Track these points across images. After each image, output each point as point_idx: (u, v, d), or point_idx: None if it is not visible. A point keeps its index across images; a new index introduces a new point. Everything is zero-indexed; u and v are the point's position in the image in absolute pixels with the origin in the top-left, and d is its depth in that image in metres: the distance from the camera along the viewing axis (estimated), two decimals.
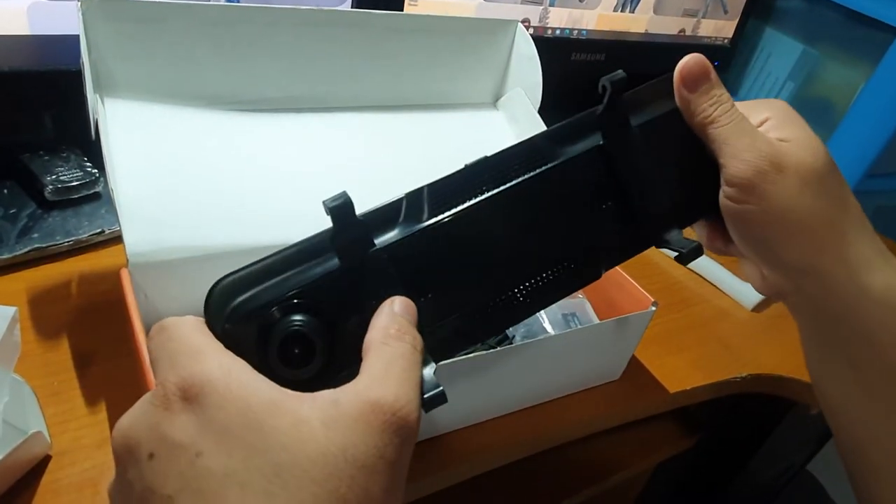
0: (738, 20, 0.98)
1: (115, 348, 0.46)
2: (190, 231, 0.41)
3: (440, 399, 0.25)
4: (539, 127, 0.55)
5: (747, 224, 0.34)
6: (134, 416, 0.23)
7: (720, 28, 0.98)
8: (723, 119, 0.33)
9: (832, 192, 0.33)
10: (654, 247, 0.34)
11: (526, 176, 0.30)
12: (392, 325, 0.25)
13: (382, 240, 0.28)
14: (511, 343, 0.48)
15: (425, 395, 0.25)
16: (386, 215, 0.28)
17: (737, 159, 0.32)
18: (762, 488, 0.84)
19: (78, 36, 0.40)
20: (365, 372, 0.24)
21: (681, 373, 0.56)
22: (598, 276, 0.32)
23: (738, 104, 0.34)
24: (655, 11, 0.89)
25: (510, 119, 0.59)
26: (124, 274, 0.39)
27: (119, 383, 0.44)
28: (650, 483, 0.72)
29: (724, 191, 0.33)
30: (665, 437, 0.65)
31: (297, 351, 0.25)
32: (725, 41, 1.00)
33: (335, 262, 0.26)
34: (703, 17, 0.95)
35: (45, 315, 0.48)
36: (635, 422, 0.54)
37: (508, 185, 0.30)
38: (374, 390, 0.23)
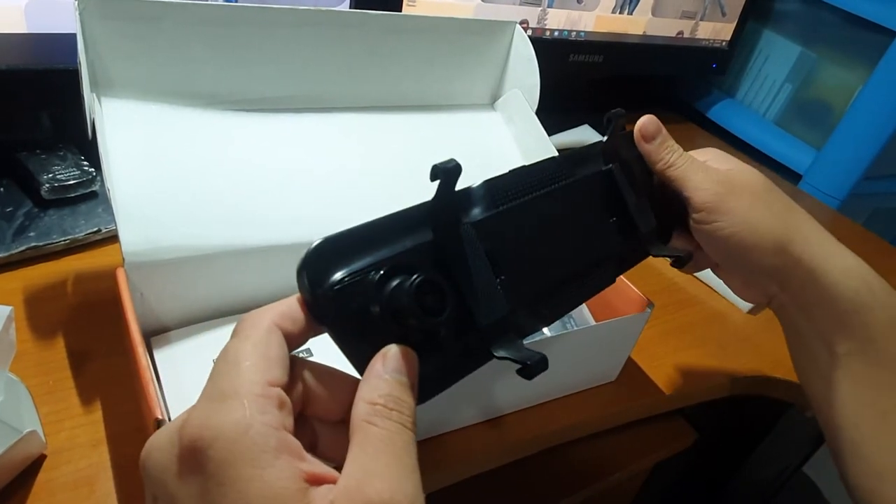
0: (736, 22, 0.98)
1: (110, 347, 0.46)
2: (186, 231, 0.41)
3: (543, 365, 0.27)
4: (536, 128, 0.55)
5: (718, 239, 0.41)
6: (157, 446, 0.22)
7: (718, 30, 0.98)
8: (678, 162, 0.42)
9: (779, 203, 0.41)
10: (652, 255, 0.41)
11: (559, 184, 0.35)
12: (377, 394, 0.22)
13: (466, 217, 0.29)
14: None
15: (528, 363, 0.26)
16: (463, 198, 0.30)
17: (698, 189, 0.40)
18: (758, 490, 0.84)
19: (75, 34, 0.40)
20: (354, 462, 0.21)
21: (677, 374, 0.56)
22: (611, 281, 0.38)
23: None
24: (654, 13, 0.89)
25: (508, 120, 0.59)
26: (120, 273, 0.39)
27: (114, 382, 0.44)
28: (647, 484, 0.72)
29: (694, 217, 0.41)
30: (661, 438, 0.65)
31: (428, 299, 0.24)
32: (723, 43, 1.00)
33: (429, 232, 0.27)
34: (702, 20, 0.95)
35: (41, 314, 0.48)
36: (632, 423, 0.54)
37: (548, 188, 0.34)
38: (366, 488, 0.20)
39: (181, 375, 0.40)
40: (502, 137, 0.58)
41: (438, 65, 0.55)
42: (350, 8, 0.63)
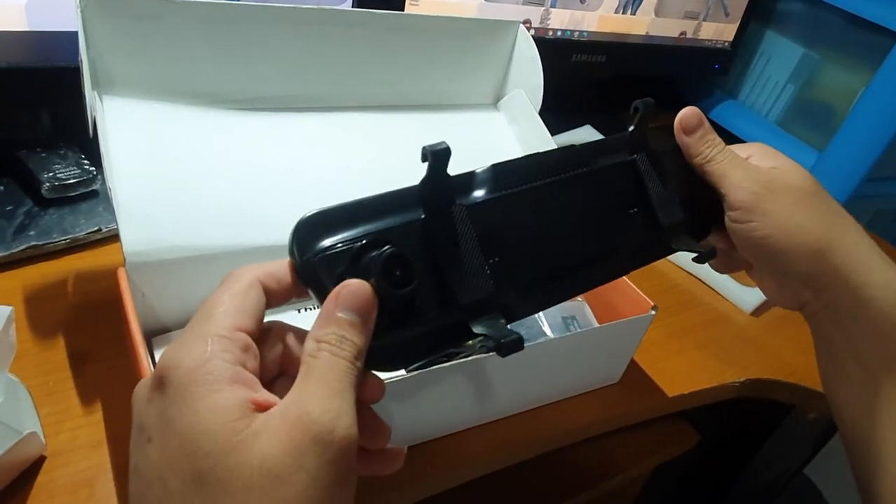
0: (739, 23, 0.98)
1: (111, 348, 0.45)
2: (188, 230, 0.41)
3: (518, 345, 0.27)
4: (540, 128, 0.55)
5: (754, 241, 0.39)
6: (142, 384, 0.24)
7: (721, 31, 0.97)
8: (718, 157, 0.39)
9: (822, 206, 0.39)
10: (674, 251, 0.39)
11: (574, 172, 0.35)
12: (322, 332, 0.24)
13: (463, 199, 0.30)
14: None
15: (502, 341, 0.27)
16: (462, 181, 0.30)
17: (736, 187, 0.38)
18: (760, 491, 0.84)
19: (76, 32, 0.40)
20: (294, 390, 0.23)
21: (680, 376, 0.55)
22: (625, 272, 0.38)
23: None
24: (657, 13, 0.89)
25: (511, 120, 0.58)
26: (121, 273, 0.39)
27: (115, 383, 0.44)
28: (649, 486, 0.72)
29: (730, 215, 0.39)
30: (663, 440, 0.65)
31: (398, 273, 0.26)
32: (726, 44, 1.00)
33: (419, 211, 0.28)
34: (705, 20, 0.94)
35: (42, 314, 0.48)
36: (634, 425, 0.54)
37: (562, 175, 0.34)
38: (299, 405, 0.22)
39: None
40: (505, 137, 0.57)
41: (441, 64, 0.55)
42: (352, 7, 0.63)
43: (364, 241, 0.26)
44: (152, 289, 0.41)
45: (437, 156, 0.27)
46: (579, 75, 0.93)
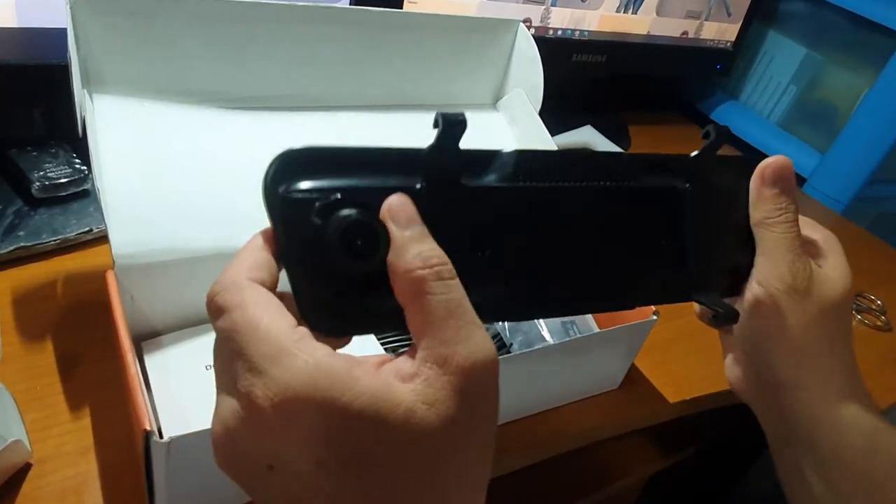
0: (741, 23, 0.97)
1: (101, 351, 0.44)
2: (179, 232, 0.40)
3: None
4: (540, 129, 0.54)
5: (757, 319, 0.35)
6: (229, 431, 0.22)
7: (723, 31, 0.97)
8: (780, 228, 0.35)
9: (838, 324, 0.36)
10: (692, 300, 0.35)
11: (607, 183, 0.31)
12: (425, 261, 0.22)
13: (470, 181, 0.27)
14: (509, 352, 0.47)
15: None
16: (477, 158, 0.27)
17: (776, 268, 0.34)
18: (760, 499, 0.83)
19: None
20: (434, 335, 0.22)
21: (681, 382, 0.55)
22: (631, 306, 0.33)
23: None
24: (658, 13, 0.88)
25: (510, 120, 0.57)
26: (110, 276, 0.38)
27: (104, 387, 0.43)
28: (648, 492, 0.71)
29: (752, 286, 0.35)
30: (663, 446, 0.64)
31: (359, 242, 0.23)
32: (728, 44, 0.99)
33: (418, 180, 0.25)
34: (706, 20, 0.94)
35: (30, 316, 0.47)
36: (633, 431, 0.53)
37: (593, 184, 0.30)
38: (457, 355, 0.22)
39: (172, 381, 0.39)
40: (504, 138, 0.56)
41: (439, 63, 0.54)
42: (349, 4, 0.62)
43: (339, 196, 0.23)
44: (142, 292, 0.40)
45: (448, 125, 0.25)
46: (580, 75, 0.92)
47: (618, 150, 0.86)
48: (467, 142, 0.26)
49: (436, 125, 0.25)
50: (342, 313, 0.24)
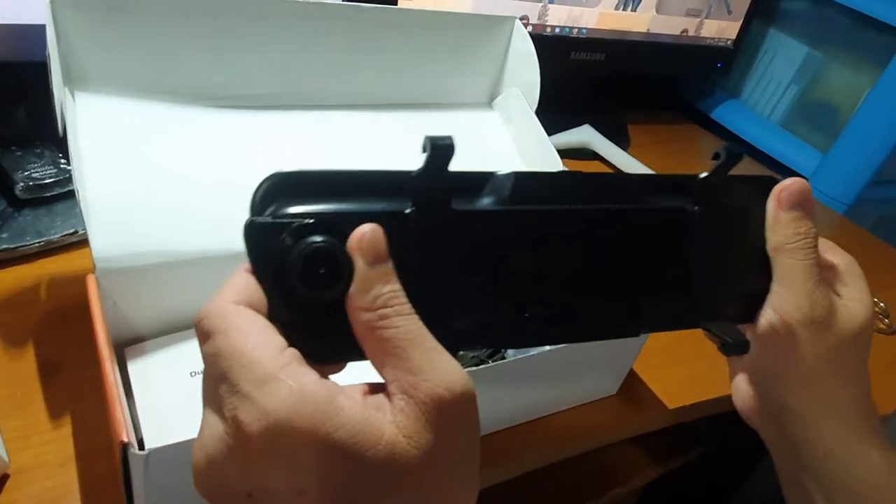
0: (741, 21, 0.96)
1: (83, 357, 0.43)
2: (163, 235, 0.39)
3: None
4: (536, 129, 0.53)
5: (770, 347, 0.34)
6: (210, 456, 0.22)
7: (723, 29, 0.96)
8: (798, 255, 0.33)
9: (855, 356, 0.34)
10: (700, 328, 0.34)
11: (610, 206, 0.29)
12: (384, 303, 0.22)
13: (461, 204, 0.26)
14: (504, 358, 0.46)
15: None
16: (470, 182, 0.27)
17: (793, 297, 0.32)
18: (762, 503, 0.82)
19: None
20: (397, 364, 0.22)
21: (680, 387, 0.54)
22: (635, 333, 0.31)
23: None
24: (658, 10, 0.87)
25: (506, 120, 0.56)
26: (90, 280, 0.37)
27: (86, 395, 0.41)
28: (648, 498, 0.70)
29: (767, 313, 0.33)
30: (662, 452, 0.63)
31: (322, 270, 0.23)
32: (728, 42, 0.98)
33: (407, 204, 0.25)
34: (707, 18, 0.93)
35: (11, 321, 0.45)
36: (632, 436, 0.52)
37: (594, 206, 0.29)
38: (423, 384, 0.21)
39: (155, 387, 0.38)
40: (500, 138, 0.55)
41: (434, 61, 0.53)
42: (342, 0, 0.61)
43: (312, 221, 0.23)
44: (124, 297, 0.39)
45: (437, 149, 0.24)
46: (578, 74, 0.91)
47: (617, 149, 0.85)
48: (463, 142, 0.25)
49: (424, 150, 0.24)
50: (316, 338, 0.23)
